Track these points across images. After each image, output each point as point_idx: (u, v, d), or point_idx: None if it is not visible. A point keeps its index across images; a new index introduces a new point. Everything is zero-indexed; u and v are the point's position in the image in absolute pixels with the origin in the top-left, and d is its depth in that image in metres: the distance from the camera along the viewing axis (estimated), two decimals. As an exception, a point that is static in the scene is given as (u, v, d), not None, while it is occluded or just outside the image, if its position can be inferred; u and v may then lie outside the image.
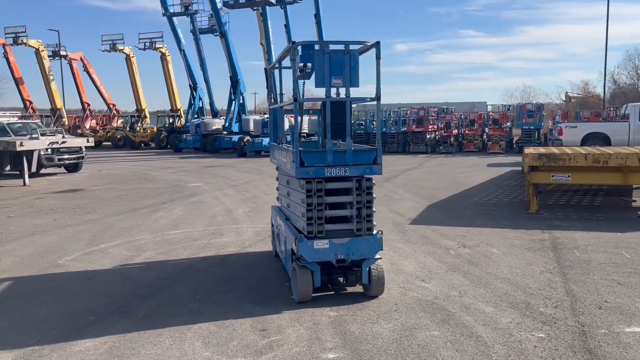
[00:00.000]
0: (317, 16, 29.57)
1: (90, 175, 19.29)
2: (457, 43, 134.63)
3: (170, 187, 15.17)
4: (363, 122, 31.87)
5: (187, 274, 6.54)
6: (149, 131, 37.58)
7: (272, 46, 29.39)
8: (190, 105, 36.91)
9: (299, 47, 5.17)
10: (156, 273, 6.57)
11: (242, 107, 31.92)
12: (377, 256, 5.47)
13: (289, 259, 5.76)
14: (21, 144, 14.38)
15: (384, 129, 30.70)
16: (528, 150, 11.62)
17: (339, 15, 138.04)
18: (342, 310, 5.19)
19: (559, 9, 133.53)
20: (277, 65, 6.42)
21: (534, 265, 6.64)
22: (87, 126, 40.86)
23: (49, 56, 39.86)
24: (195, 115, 36.08)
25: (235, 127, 31.37)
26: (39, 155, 17.82)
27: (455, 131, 29.71)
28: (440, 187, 14.29)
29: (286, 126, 7.20)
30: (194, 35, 34.11)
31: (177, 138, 33.63)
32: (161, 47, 38.15)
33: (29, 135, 17.22)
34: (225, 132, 31.36)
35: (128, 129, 38.25)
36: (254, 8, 28.57)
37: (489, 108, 36.55)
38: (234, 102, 31.51)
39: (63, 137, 17.51)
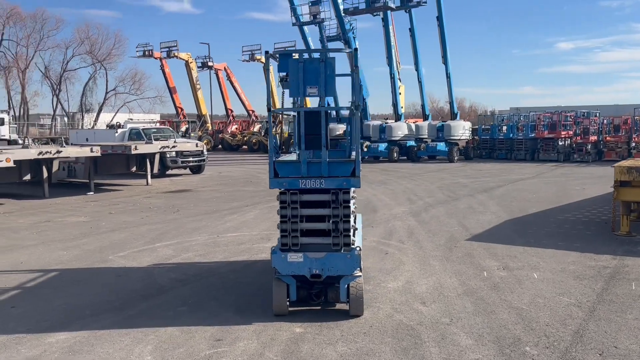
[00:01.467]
0: (439, 19, 28.61)
1: (209, 177, 20.78)
2: (630, 39, 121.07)
3: (266, 191, 15.74)
4: (489, 127, 30.26)
5: (202, 277, 6.79)
6: (283, 136, 39.33)
7: (392, 51, 29.10)
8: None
9: (277, 56, 5.12)
10: (177, 274, 6.92)
11: (364, 113, 32.05)
12: (357, 273, 5.19)
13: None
14: (135, 148, 15.99)
15: (510, 135, 28.86)
16: (620, 162, 10.11)
17: (497, 13, 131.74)
18: (311, 327, 5.01)
19: None
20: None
21: (567, 295, 5.80)
22: (230, 131, 43.93)
23: (198, 67, 43.73)
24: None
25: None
26: (164, 157, 19.71)
27: (593, 138, 26.79)
28: (540, 200, 13.04)
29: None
30: (321, 43, 35.02)
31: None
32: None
33: (145, 140, 19.06)
34: (346, 137, 31.74)
35: (263, 134, 40.42)
36: (375, 14, 28.55)
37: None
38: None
39: (174, 141, 19.13)
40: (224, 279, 6.71)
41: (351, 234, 5.15)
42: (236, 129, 44.93)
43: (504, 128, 29.89)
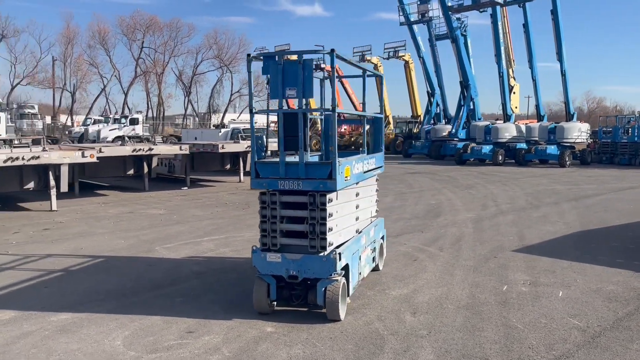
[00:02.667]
0: (553, 12, 26.57)
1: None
2: None
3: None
4: (611, 130, 27.58)
5: (222, 271, 7.07)
6: (388, 137, 39.08)
7: (501, 48, 27.65)
8: (427, 111, 37.23)
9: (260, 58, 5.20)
10: (201, 267, 7.27)
11: (472, 113, 30.86)
12: (335, 277, 5.12)
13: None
14: (222, 147, 16.89)
15: (635, 138, 26.11)
16: None
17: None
18: (283, 328, 5.04)
19: None
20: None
21: (579, 318, 5.22)
22: (343, 130, 44.49)
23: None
24: (431, 122, 36.20)
25: (462, 134, 30.52)
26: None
27: None
28: (634, 212, 11.71)
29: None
30: (430, 42, 34.25)
31: (408, 144, 34.33)
32: (404, 56, 39.31)
33: (234, 140, 20.01)
34: (452, 139, 30.76)
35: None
36: (481, 10, 27.32)
37: None
38: (463, 107, 30.67)
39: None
40: (242, 274, 6.92)
41: (327, 236, 5.08)
42: (345, 129, 45.34)
43: (629, 130, 27.08)
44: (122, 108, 56.48)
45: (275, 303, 5.41)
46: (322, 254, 5.08)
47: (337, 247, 5.32)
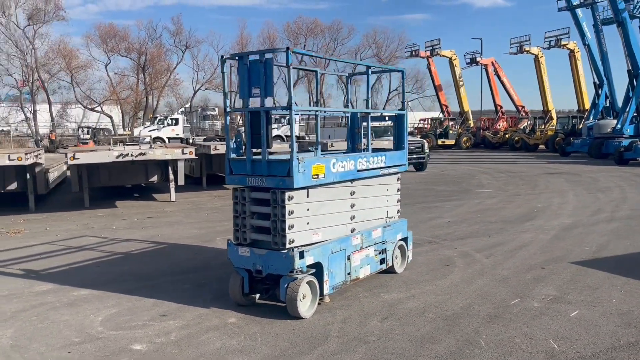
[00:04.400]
0: None
1: (426, 174, 20.81)
2: None
3: (458, 192, 15.12)
4: None
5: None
6: (546, 133, 35.97)
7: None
8: (593, 104, 33.47)
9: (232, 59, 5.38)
10: (235, 258, 7.67)
11: (645, 107, 27.00)
12: (297, 275, 5.11)
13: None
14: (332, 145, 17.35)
15: None
16: None
17: None
18: (244, 320, 5.17)
19: None
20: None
21: (571, 341, 4.52)
22: (496, 127, 42.12)
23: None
24: (598, 116, 32.45)
25: (630, 130, 26.91)
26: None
27: None
28: None
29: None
30: (594, 28, 30.67)
31: (566, 141, 31.22)
32: (567, 44, 35.79)
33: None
34: (616, 136, 27.24)
35: (527, 131, 37.59)
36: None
37: None
38: (631, 99, 27.04)
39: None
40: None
41: (287, 234, 5.08)
42: (504, 125, 42.83)
43: None
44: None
45: (256, 296, 5.58)
46: (283, 250, 5.11)
47: (311, 245, 5.30)
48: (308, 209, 5.32)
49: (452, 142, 39.32)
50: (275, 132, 38.61)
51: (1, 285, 6.50)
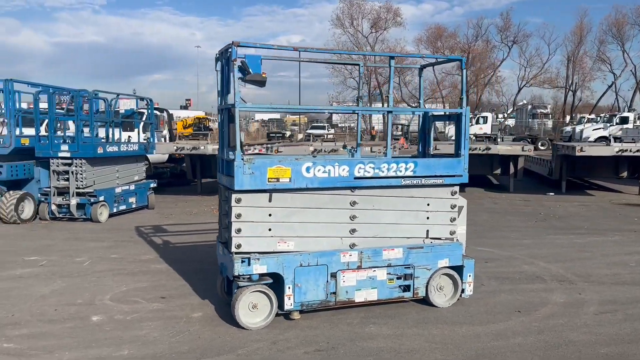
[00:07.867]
0: None
1: None
2: None
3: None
4: None
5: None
6: None
7: None
8: None
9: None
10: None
11: None
12: (242, 282, 4.85)
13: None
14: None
15: None
16: None
17: None
18: (206, 319, 5.19)
19: None
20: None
21: None
22: None
23: None
24: None
25: None
26: None
27: None
28: None
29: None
30: None
31: None
32: None
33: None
34: None
35: None
36: None
37: None
38: None
39: None
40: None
41: (234, 237, 4.84)
42: None
43: None
44: (629, 104, 51.13)
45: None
46: (230, 254, 4.94)
47: (270, 253, 4.93)
48: (270, 215, 4.95)
49: None
50: (601, 133, 33.62)
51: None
